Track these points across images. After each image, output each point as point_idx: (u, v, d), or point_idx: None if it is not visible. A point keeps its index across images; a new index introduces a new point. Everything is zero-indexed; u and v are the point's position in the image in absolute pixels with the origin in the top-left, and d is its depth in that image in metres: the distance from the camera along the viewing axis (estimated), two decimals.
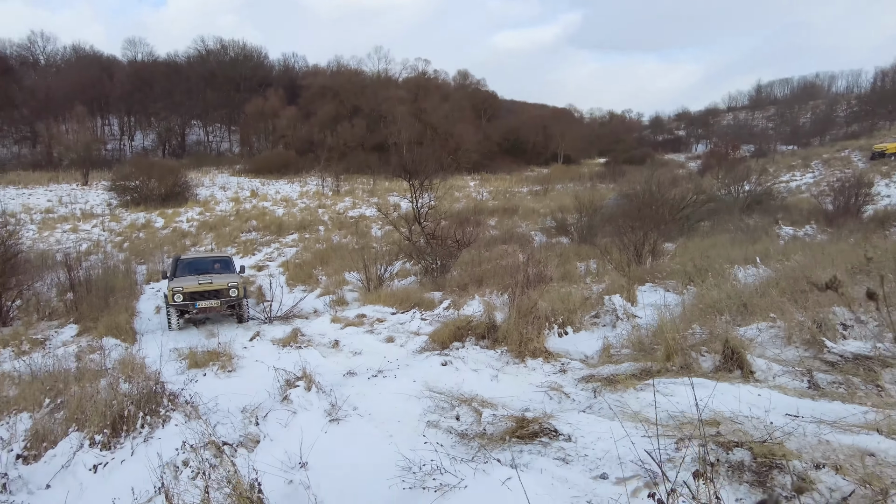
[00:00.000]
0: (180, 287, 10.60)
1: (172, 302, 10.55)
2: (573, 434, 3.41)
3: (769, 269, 10.13)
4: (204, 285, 10.79)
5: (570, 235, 20.38)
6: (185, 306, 10.63)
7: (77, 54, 67.67)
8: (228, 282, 11.00)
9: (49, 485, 3.49)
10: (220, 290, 10.89)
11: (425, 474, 3.06)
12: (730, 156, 49.85)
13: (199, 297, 10.78)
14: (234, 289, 10.99)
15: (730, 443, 2.86)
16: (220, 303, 10.86)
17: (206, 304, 10.76)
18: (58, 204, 33.51)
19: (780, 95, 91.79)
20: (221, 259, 12.97)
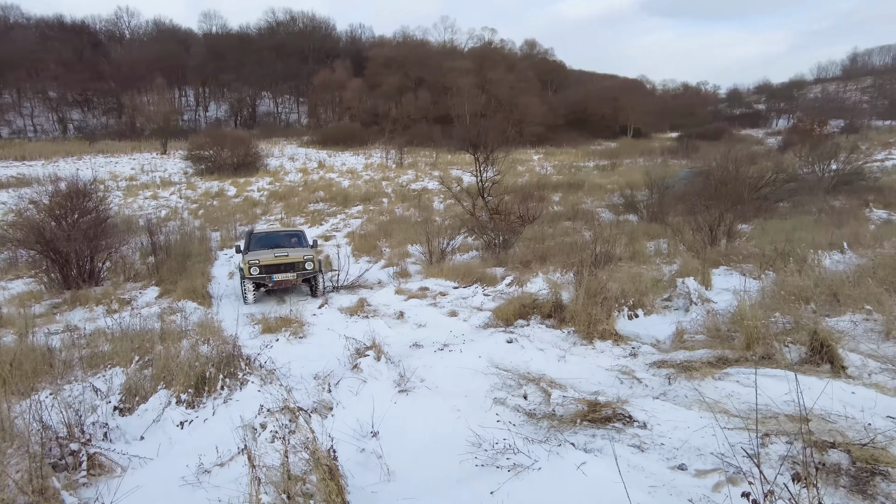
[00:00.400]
0: (256, 259, 10.65)
1: (249, 275, 10.60)
2: (648, 421, 3.31)
3: (858, 256, 9.43)
4: (280, 258, 10.84)
5: (638, 213, 19.68)
6: (262, 279, 10.71)
7: (158, 28, 70.85)
8: (304, 255, 11.02)
9: (143, 437, 3.76)
10: (295, 264, 10.94)
11: (497, 452, 3.06)
12: (815, 131, 46.49)
13: (274, 269, 10.82)
14: (309, 262, 10.99)
15: (824, 443, 2.69)
16: (296, 276, 10.89)
17: (282, 277, 10.78)
18: (140, 172, 35.55)
19: (878, 65, 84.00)
20: (295, 233, 12.88)
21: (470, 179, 28.88)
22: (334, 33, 77.56)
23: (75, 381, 5.42)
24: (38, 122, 59.70)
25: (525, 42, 79.37)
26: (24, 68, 56.34)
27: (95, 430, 3.61)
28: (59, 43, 61.94)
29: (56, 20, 68.26)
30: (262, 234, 12.48)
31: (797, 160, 27.01)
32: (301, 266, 10.96)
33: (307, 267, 10.96)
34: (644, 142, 59.18)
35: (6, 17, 65.08)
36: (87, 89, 61.64)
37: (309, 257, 10.99)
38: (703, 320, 5.82)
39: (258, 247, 11.85)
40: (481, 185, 15.15)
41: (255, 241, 12.08)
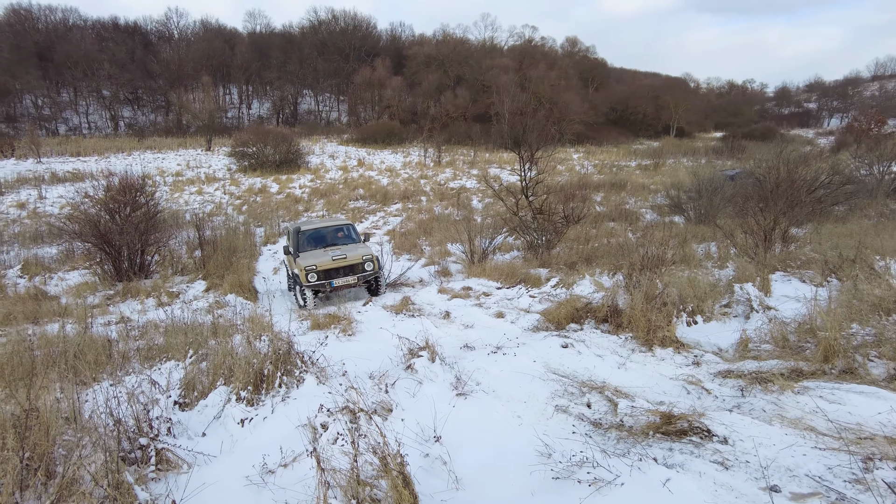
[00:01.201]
0: (313, 265, 9.94)
1: (307, 282, 9.86)
2: (729, 436, 3.13)
3: None
4: (338, 261, 10.14)
5: (685, 215, 19.13)
6: (321, 285, 10.01)
7: (205, 28, 72.81)
8: (363, 255, 10.35)
9: (205, 433, 3.78)
10: (355, 265, 10.30)
11: (573, 465, 2.94)
12: (873, 131, 44.42)
13: (334, 274, 10.17)
14: (369, 262, 10.34)
15: None
16: (357, 279, 10.25)
17: (343, 281, 10.13)
18: (185, 168, 36.56)
19: None
20: (343, 226, 12.09)
21: (508, 178, 28.65)
22: (375, 32, 78.21)
23: (133, 373, 5.55)
24: (93, 120, 62.19)
25: (566, 39, 78.48)
26: (81, 68, 58.74)
27: (160, 425, 3.64)
28: (113, 43, 64.37)
29: (111, 21, 71.04)
30: (310, 230, 11.71)
31: (852, 161, 25.82)
32: (361, 267, 10.33)
33: (367, 268, 10.35)
34: (687, 141, 57.67)
35: (66, 19, 68.00)
36: (137, 88, 63.92)
37: (368, 257, 10.36)
38: (768, 329, 5.54)
39: (309, 245, 11.21)
40: (525, 183, 14.95)
41: (305, 240, 11.34)
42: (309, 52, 68.89)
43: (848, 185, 20.95)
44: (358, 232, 11.98)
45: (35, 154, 37.99)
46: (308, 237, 11.37)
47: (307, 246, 11.15)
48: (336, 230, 11.73)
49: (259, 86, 71.86)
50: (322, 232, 11.60)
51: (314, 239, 11.37)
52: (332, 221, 12.36)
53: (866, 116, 48.72)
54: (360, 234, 12.15)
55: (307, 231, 11.51)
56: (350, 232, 11.84)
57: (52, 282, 14.00)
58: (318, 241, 11.31)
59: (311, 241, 11.32)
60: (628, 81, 77.19)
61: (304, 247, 11.12)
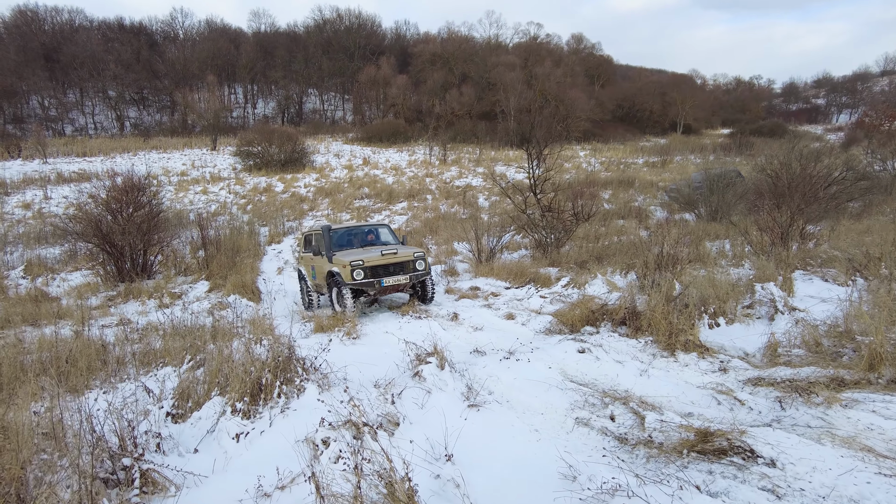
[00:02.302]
0: (360, 261, 8.52)
1: (352, 280, 8.46)
2: (777, 458, 2.81)
3: None
4: (388, 257, 8.80)
5: (696, 212, 18.73)
6: (369, 285, 8.54)
7: (210, 27, 72.75)
8: (415, 252, 9.10)
9: (197, 449, 3.49)
10: (405, 263, 8.98)
11: (604, 493, 2.63)
12: (884, 126, 43.72)
13: (383, 272, 8.78)
14: (420, 261, 9.10)
15: None
16: (409, 278, 8.89)
17: (394, 281, 8.74)
18: (190, 167, 36.41)
19: None
20: (379, 226, 10.88)
21: (514, 176, 28.32)
22: (380, 30, 77.82)
23: (128, 380, 5.28)
24: (98, 120, 62.22)
25: (572, 37, 77.84)
26: (87, 69, 58.77)
27: (148, 440, 3.36)
28: (118, 44, 64.34)
29: (116, 22, 71.02)
30: (343, 228, 10.52)
31: (866, 157, 25.34)
32: (412, 266, 9.02)
33: (419, 267, 9.05)
34: (695, 138, 57.04)
35: (72, 20, 68.03)
36: (143, 88, 63.90)
37: (420, 255, 9.13)
38: (798, 332, 5.20)
39: (343, 245, 10.03)
40: (534, 181, 14.62)
41: (338, 238, 10.16)
42: (314, 51, 68.67)
43: (862, 181, 20.50)
44: (395, 235, 10.79)
45: (41, 155, 37.94)
46: (342, 235, 10.25)
47: (341, 245, 10.01)
48: (371, 230, 10.66)
49: (264, 85, 71.70)
50: (357, 231, 10.54)
51: (349, 238, 10.25)
52: (368, 223, 11.20)
53: (877, 112, 47.92)
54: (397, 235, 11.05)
55: (340, 229, 10.41)
56: (387, 233, 10.74)
57: (55, 283, 13.80)
58: (353, 241, 10.20)
59: (346, 240, 10.20)
60: (634, 78, 76.45)
61: (339, 245, 9.96)
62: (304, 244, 11.07)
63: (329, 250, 9.48)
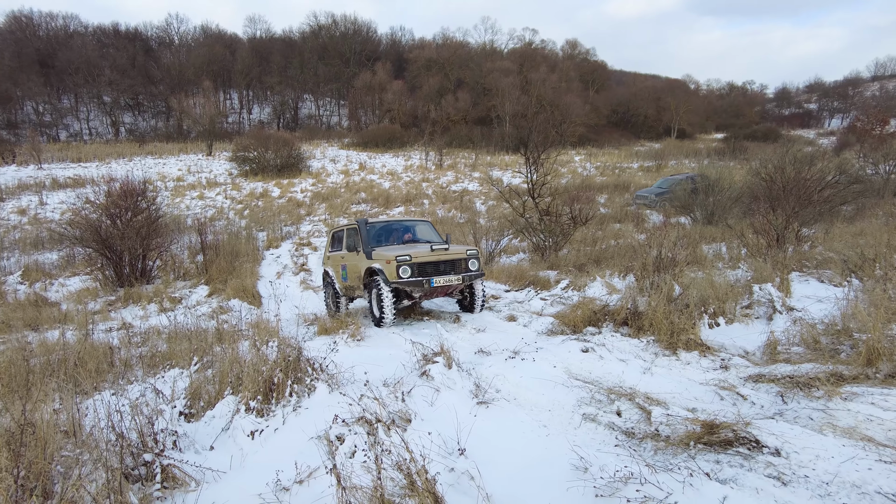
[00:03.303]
0: (407, 255, 7.52)
1: (397, 278, 7.41)
2: (781, 448, 2.90)
3: None
4: (439, 253, 7.76)
5: (691, 215, 18.92)
6: (416, 284, 7.46)
7: (205, 33, 72.89)
8: (468, 250, 8.03)
9: (213, 446, 3.55)
10: (456, 262, 7.89)
11: (617, 481, 2.71)
12: (876, 131, 44.15)
13: (432, 270, 7.70)
14: (474, 260, 7.99)
15: None
16: (461, 279, 7.78)
17: (445, 281, 7.64)
18: (186, 173, 36.41)
19: None
20: (421, 222, 9.77)
21: (510, 181, 28.46)
22: (375, 36, 78.23)
23: (136, 382, 5.33)
24: (94, 126, 62.16)
25: (566, 42, 78.49)
26: (82, 74, 58.72)
27: (165, 438, 3.42)
28: (114, 49, 64.47)
29: (112, 28, 71.12)
30: (382, 223, 9.55)
31: (858, 161, 25.66)
32: (464, 265, 7.91)
33: (472, 267, 7.94)
34: (689, 143, 57.45)
35: (67, 25, 68.05)
36: (138, 93, 63.92)
37: (474, 253, 8.06)
38: (797, 331, 5.31)
39: (380, 241, 9.02)
40: (531, 185, 14.75)
41: (377, 234, 9.12)
42: (309, 57, 68.93)
43: (855, 185, 20.76)
44: (437, 232, 9.71)
45: (36, 160, 37.87)
46: (378, 231, 9.23)
47: (379, 241, 9.00)
48: (409, 227, 9.60)
49: (260, 91, 71.86)
50: (396, 226, 9.54)
51: (386, 234, 9.25)
52: (409, 218, 10.12)
53: (869, 116, 48.43)
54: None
55: (377, 224, 9.42)
56: (429, 230, 9.61)
57: (53, 288, 13.80)
58: (391, 238, 9.22)
59: (382, 236, 9.18)
60: (629, 83, 77.08)
61: (376, 241, 8.92)
62: (332, 243, 10.16)
63: (367, 245, 8.36)
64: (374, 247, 8.39)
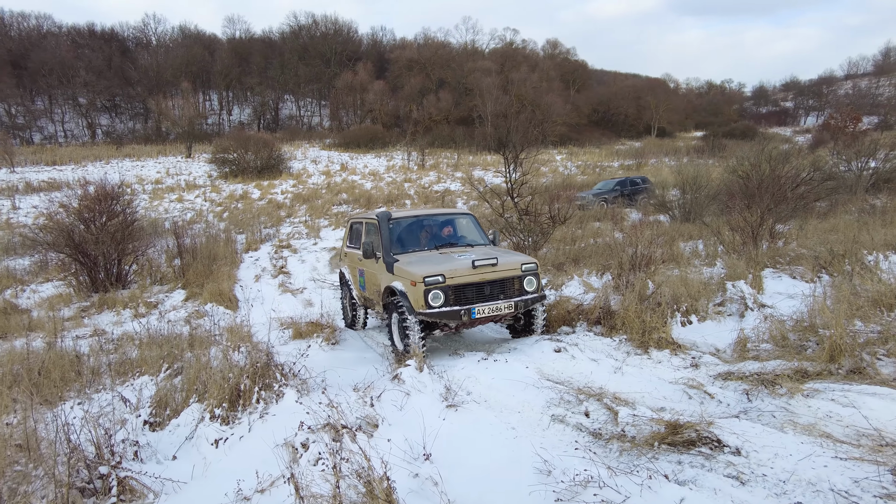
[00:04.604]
0: (439, 275, 5.49)
1: (425, 307, 5.45)
2: (742, 447, 2.92)
3: None
4: (484, 270, 5.70)
5: (670, 213, 19.11)
6: (452, 315, 5.48)
7: (183, 34, 71.90)
8: (523, 264, 5.98)
9: (175, 456, 3.48)
10: (507, 282, 5.85)
11: (577, 485, 2.70)
12: (849, 128, 45.03)
13: (475, 294, 5.68)
14: (532, 277, 6.03)
15: None
16: (514, 306, 5.78)
17: (491, 309, 5.64)
18: (165, 175, 35.90)
19: None
20: (458, 217, 7.57)
21: (492, 180, 28.53)
22: (356, 36, 77.75)
23: (103, 390, 5.21)
24: (69, 128, 60.96)
25: (547, 42, 78.91)
26: (56, 75, 57.56)
27: (125, 449, 3.35)
28: (89, 50, 63.20)
29: (87, 28, 69.70)
30: (409, 218, 7.14)
31: (832, 158, 26.12)
32: (518, 285, 5.91)
33: (528, 287, 5.97)
34: (669, 141, 58.11)
35: (40, 25, 66.62)
36: (115, 95, 62.82)
37: (532, 267, 6.10)
38: (766, 328, 5.37)
39: (409, 244, 6.78)
40: (510, 185, 14.77)
41: (402, 233, 6.88)
42: (290, 57, 68.29)
43: (829, 182, 21.13)
44: (481, 229, 7.43)
45: (8, 163, 37.01)
46: (406, 229, 6.95)
47: (406, 244, 6.75)
48: (448, 221, 7.40)
49: (240, 91, 71.05)
50: (429, 221, 7.24)
51: (416, 232, 7.02)
52: (442, 210, 7.94)
53: (842, 114, 49.40)
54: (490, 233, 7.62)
55: (404, 219, 7.04)
56: (472, 226, 7.42)
57: (24, 294, 13.49)
58: (422, 237, 7.00)
59: (412, 235, 6.94)
60: (609, 83, 77.71)
61: (400, 245, 6.69)
62: (350, 236, 8.11)
63: (388, 253, 6.37)
64: (397, 254, 6.39)
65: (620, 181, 24.16)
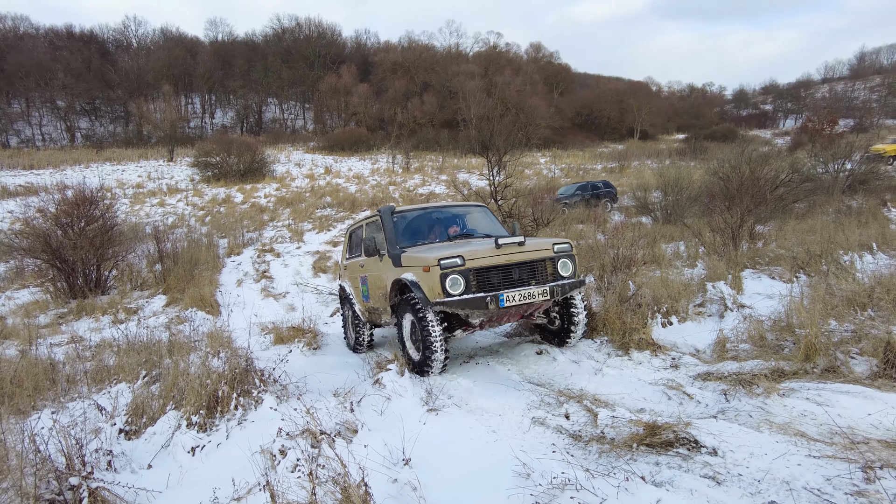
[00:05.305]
0: (458, 257, 4.75)
1: (443, 294, 4.70)
2: (718, 447, 2.94)
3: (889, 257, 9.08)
4: (510, 250, 4.97)
5: (652, 215, 19.30)
6: (477, 303, 4.66)
7: (165, 36, 71.08)
8: (554, 244, 5.32)
9: (150, 465, 3.42)
10: (537, 264, 5.11)
11: (554, 487, 2.70)
12: (826, 131, 45.86)
13: (500, 279, 4.90)
14: (565, 260, 5.28)
15: None
16: (549, 291, 4.91)
17: (522, 296, 4.77)
18: (147, 179, 35.45)
19: (887, 63, 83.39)
20: (469, 210, 6.75)
21: (477, 183, 28.59)
22: (340, 39, 77.47)
23: (79, 398, 5.11)
24: (47, 131, 59.91)
25: (530, 45, 79.31)
26: (34, 78, 56.54)
27: (98, 458, 3.27)
28: (67, 52, 62.16)
29: (65, 30, 68.57)
30: (415, 213, 6.45)
31: (810, 160, 26.56)
32: (550, 268, 5.17)
33: (563, 272, 5.23)
34: (651, 143, 58.70)
35: (16, 27, 65.46)
36: (95, 98, 61.89)
37: (565, 248, 5.40)
38: (745, 328, 5.43)
39: (414, 238, 6.08)
40: (494, 187, 14.81)
41: (410, 227, 6.22)
42: (273, 60, 67.85)
43: (807, 183, 21.49)
44: (497, 222, 6.70)
45: None
46: (412, 223, 6.30)
47: (414, 238, 6.07)
48: (461, 216, 6.60)
49: (222, 95, 70.41)
50: (438, 215, 6.48)
51: (427, 227, 6.31)
52: (453, 203, 7.08)
53: (819, 117, 50.29)
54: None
55: (410, 213, 6.42)
56: (487, 220, 6.65)
57: None
58: (430, 233, 6.27)
59: (422, 231, 6.24)
60: (592, 86, 78.36)
61: (409, 239, 6.01)
62: (349, 246, 7.37)
63: (394, 246, 5.71)
64: (404, 247, 5.73)
65: (581, 186, 24.48)
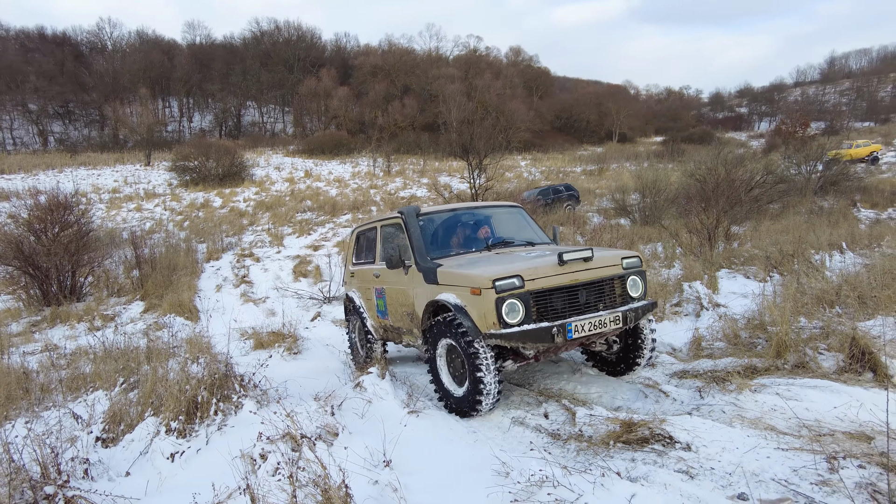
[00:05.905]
0: (516, 276, 3.82)
1: (499, 326, 3.77)
2: (692, 442, 3.02)
3: (856, 256, 9.36)
4: (575, 268, 4.07)
5: (630, 216, 19.56)
6: (540, 336, 3.73)
7: (141, 39, 70.07)
8: (624, 258, 4.40)
9: (129, 472, 3.39)
10: (605, 284, 4.23)
11: (532, 485, 2.75)
12: (798, 133, 46.89)
13: (566, 303, 4.01)
14: (634, 277, 4.44)
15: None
16: (623, 318, 4.07)
17: (593, 325, 3.91)
18: (123, 184, 34.89)
19: (855, 68, 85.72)
20: (509, 210, 5.85)
21: (458, 186, 28.72)
22: (320, 42, 77.12)
23: (54, 407, 5.03)
24: (18, 135, 58.61)
25: (510, 49, 79.86)
26: (4, 80, 55.28)
27: (75, 467, 3.23)
28: (39, 55, 60.98)
29: (37, 32, 67.22)
30: (444, 215, 5.47)
31: (783, 162, 27.13)
32: (619, 288, 4.32)
33: (633, 291, 4.40)
34: (630, 146, 59.46)
35: None
36: (68, 101, 60.68)
37: (634, 262, 4.46)
38: (720, 326, 5.56)
39: (445, 247, 5.14)
40: (475, 190, 14.89)
41: (435, 236, 5.26)
42: (252, 64, 67.28)
43: (780, 184, 21.98)
44: (535, 225, 5.90)
45: None
46: (441, 226, 5.38)
47: (445, 247, 5.14)
48: (495, 217, 5.70)
49: (200, 98, 69.60)
50: (470, 217, 5.55)
51: (455, 232, 5.35)
52: (488, 202, 6.04)
53: (792, 120, 51.43)
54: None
55: (437, 215, 5.45)
56: (523, 222, 5.74)
57: None
58: (458, 238, 5.29)
59: (447, 235, 5.32)
60: (572, 89, 79.15)
61: (438, 248, 5.08)
62: (356, 249, 6.48)
63: (424, 257, 4.77)
64: (437, 259, 4.76)
65: (543, 190, 24.68)
